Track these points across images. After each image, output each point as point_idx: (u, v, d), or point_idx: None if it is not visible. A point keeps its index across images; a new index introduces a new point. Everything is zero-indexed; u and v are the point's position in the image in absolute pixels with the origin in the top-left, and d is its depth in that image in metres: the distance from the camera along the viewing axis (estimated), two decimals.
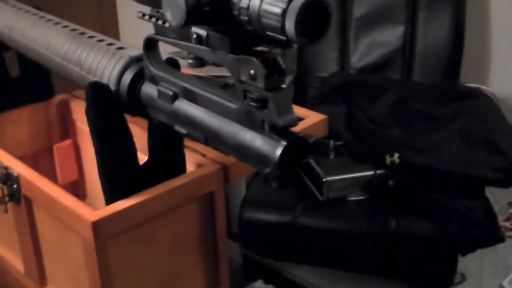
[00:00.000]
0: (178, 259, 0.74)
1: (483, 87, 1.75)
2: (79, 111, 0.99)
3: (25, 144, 1.00)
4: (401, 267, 1.45)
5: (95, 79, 0.70)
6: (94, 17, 2.39)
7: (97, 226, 0.63)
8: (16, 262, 0.87)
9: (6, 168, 0.77)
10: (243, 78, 0.53)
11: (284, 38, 0.47)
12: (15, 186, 0.77)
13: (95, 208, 0.66)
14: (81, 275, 0.70)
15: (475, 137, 1.48)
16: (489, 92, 1.71)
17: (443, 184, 1.43)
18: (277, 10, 0.46)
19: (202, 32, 0.55)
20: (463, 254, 1.43)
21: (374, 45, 1.80)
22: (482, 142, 1.47)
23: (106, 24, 2.43)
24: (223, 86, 0.60)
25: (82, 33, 0.76)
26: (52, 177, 1.01)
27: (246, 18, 0.49)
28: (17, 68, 0.96)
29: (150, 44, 0.64)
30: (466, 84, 1.75)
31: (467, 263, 1.62)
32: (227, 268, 0.79)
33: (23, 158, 0.82)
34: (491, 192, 1.51)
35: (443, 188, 1.43)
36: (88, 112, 0.67)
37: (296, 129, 0.53)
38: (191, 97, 0.60)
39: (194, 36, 0.56)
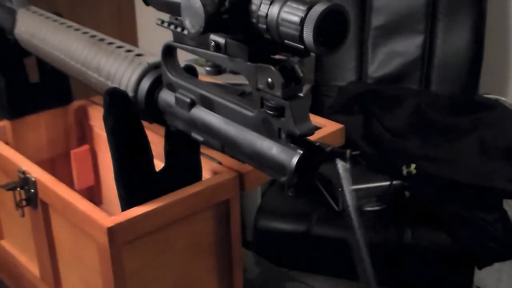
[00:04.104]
0: (192, 266, 0.74)
1: (502, 98, 1.73)
2: (96, 117, 1.00)
3: (43, 149, 1.01)
4: (416, 279, 1.44)
5: (113, 85, 0.70)
6: (114, 24, 2.42)
7: (112, 232, 0.63)
8: (31, 266, 0.88)
9: (24, 172, 0.78)
10: (261, 86, 0.52)
11: (302, 47, 0.47)
12: (32, 190, 0.78)
13: (111, 214, 0.66)
14: (96, 281, 0.70)
15: (494, 148, 1.47)
16: (508, 104, 1.69)
17: (460, 196, 1.42)
18: (296, 19, 0.46)
19: (221, 40, 0.55)
20: (480, 267, 1.42)
21: (392, 55, 1.80)
22: (501, 154, 1.46)
23: (125, 31, 2.45)
24: (241, 94, 0.60)
25: (101, 40, 0.77)
26: (69, 183, 1.02)
27: (264, 26, 0.49)
28: (36, 73, 0.97)
29: (169, 51, 0.64)
30: (485, 95, 1.74)
31: (483, 276, 1.60)
32: (241, 276, 0.79)
33: (41, 163, 0.82)
34: (509, 205, 1.50)
35: (460, 200, 1.42)
36: (105, 118, 0.67)
37: (313, 138, 0.53)
38: (209, 105, 0.61)
39: (212, 44, 0.56)
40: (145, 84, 0.67)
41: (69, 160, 1.03)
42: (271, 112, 0.52)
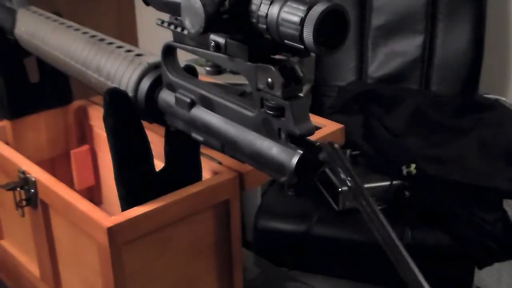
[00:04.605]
0: (192, 266, 0.74)
1: (502, 98, 1.73)
2: (96, 117, 1.00)
3: (43, 149, 1.01)
4: None
5: (113, 85, 0.70)
6: (114, 24, 2.42)
7: (112, 232, 0.63)
8: (31, 267, 0.88)
9: (24, 172, 0.78)
10: (261, 86, 0.52)
11: (302, 47, 0.47)
12: (32, 190, 0.78)
13: (111, 214, 0.66)
14: (96, 281, 0.70)
15: (494, 148, 1.47)
16: (508, 104, 1.69)
17: (460, 196, 1.42)
18: (296, 19, 0.46)
19: (221, 40, 0.55)
20: (480, 267, 1.42)
21: (392, 55, 1.80)
22: (501, 154, 1.46)
23: (125, 31, 2.45)
24: (241, 94, 0.60)
25: (101, 40, 0.77)
26: (69, 183, 1.02)
27: (264, 26, 0.49)
28: (37, 73, 0.97)
29: (169, 51, 0.64)
30: (485, 95, 1.74)
31: (484, 276, 1.60)
32: (241, 276, 0.79)
33: (41, 163, 0.82)
34: (509, 205, 1.50)
35: (460, 200, 1.42)
36: (105, 118, 0.67)
37: (312, 138, 0.53)
38: (208, 105, 0.61)
39: (212, 44, 0.56)
40: (145, 84, 0.67)
41: (69, 160, 1.03)
42: (271, 112, 0.52)
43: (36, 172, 0.78)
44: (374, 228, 0.45)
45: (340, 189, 1.43)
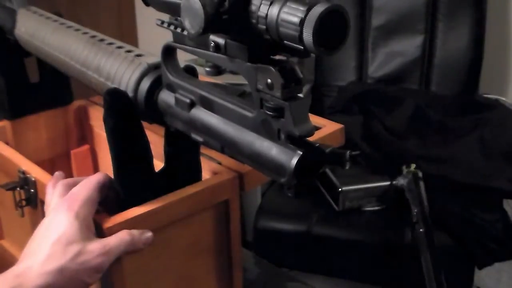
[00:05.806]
0: (192, 266, 0.74)
1: (502, 98, 1.73)
2: (96, 117, 1.00)
3: (43, 149, 1.01)
4: (416, 279, 1.44)
5: (113, 85, 0.70)
6: (114, 24, 2.42)
7: (111, 232, 0.63)
8: None
9: (24, 172, 0.78)
10: (260, 86, 0.53)
11: (302, 47, 0.47)
12: (32, 190, 0.78)
13: (110, 214, 0.66)
14: None
15: (494, 148, 1.47)
16: (508, 104, 1.69)
17: (460, 196, 1.42)
18: (295, 19, 0.46)
19: (220, 41, 0.55)
20: (480, 267, 1.42)
21: (392, 55, 1.80)
22: (501, 154, 1.46)
23: (125, 31, 2.45)
24: (240, 94, 0.60)
25: (101, 40, 0.77)
26: None
27: (264, 27, 0.49)
28: (37, 73, 0.97)
29: (168, 52, 0.64)
30: (485, 95, 1.74)
31: (483, 276, 1.60)
32: (241, 276, 0.79)
33: (41, 163, 0.82)
34: (509, 205, 1.50)
35: (460, 200, 1.42)
36: (105, 119, 0.67)
37: (312, 138, 0.53)
38: (208, 105, 0.61)
39: (212, 44, 0.56)
40: (145, 84, 0.67)
41: (69, 160, 1.03)
42: (271, 113, 0.52)
43: (36, 172, 0.78)
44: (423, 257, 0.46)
45: (340, 189, 1.43)
